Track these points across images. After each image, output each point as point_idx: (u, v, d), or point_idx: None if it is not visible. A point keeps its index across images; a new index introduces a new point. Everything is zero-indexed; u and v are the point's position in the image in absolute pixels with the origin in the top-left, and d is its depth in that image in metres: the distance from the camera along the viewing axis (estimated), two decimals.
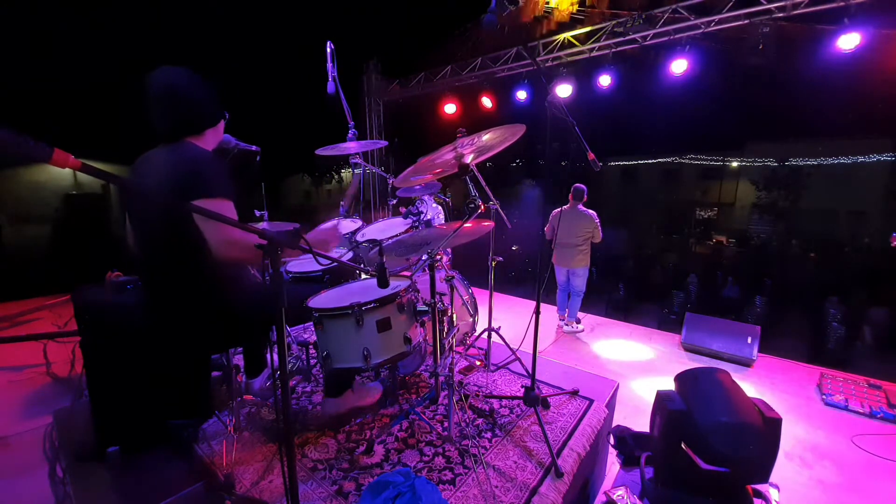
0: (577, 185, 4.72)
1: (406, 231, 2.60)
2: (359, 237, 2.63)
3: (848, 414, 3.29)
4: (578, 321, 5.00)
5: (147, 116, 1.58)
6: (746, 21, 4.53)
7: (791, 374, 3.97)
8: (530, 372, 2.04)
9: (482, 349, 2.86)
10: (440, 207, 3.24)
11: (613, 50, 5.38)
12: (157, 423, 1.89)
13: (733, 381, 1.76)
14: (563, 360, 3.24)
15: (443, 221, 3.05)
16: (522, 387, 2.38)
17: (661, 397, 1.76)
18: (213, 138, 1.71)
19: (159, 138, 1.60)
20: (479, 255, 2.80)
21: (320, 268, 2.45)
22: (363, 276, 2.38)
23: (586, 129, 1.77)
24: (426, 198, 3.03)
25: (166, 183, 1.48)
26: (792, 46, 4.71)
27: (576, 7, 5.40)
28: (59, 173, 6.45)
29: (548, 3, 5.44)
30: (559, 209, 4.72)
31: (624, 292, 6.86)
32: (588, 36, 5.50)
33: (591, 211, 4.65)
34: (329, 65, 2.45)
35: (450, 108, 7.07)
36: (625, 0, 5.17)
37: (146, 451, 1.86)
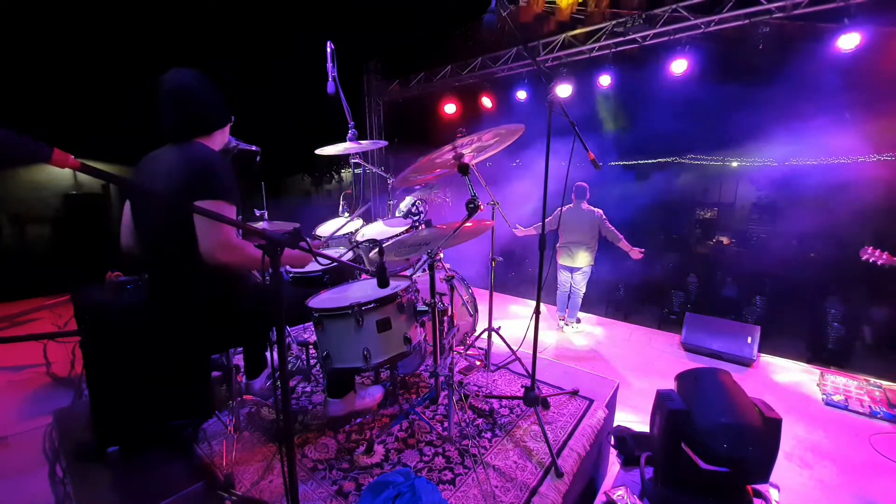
0: (579, 183, 4.70)
1: (406, 231, 2.60)
2: (359, 237, 2.64)
3: (848, 414, 3.29)
4: (578, 321, 5.00)
5: (156, 115, 1.59)
6: (746, 21, 4.53)
7: (791, 374, 3.97)
8: (530, 372, 2.04)
9: (482, 349, 2.86)
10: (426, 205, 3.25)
11: (613, 50, 5.38)
12: (157, 423, 1.89)
13: (734, 382, 1.76)
14: (563, 361, 3.24)
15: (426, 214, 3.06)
16: (522, 387, 2.38)
17: (661, 396, 1.76)
18: (220, 140, 1.73)
19: (168, 138, 1.61)
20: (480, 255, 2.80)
21: (320, 268, 2.45)
22: (363, 276, 2.38)
23: (586, 130, 1.77)
24: (408, 196, 3.04)
25: (176, 182, 1.48)
26: (792, 46, 4.71)
27: (575, 7, 5.40)
28: (59, 173, 6.44)
29: (549, 1, 5.45)
30: (560, 208, 4.72)
31: (624, 292, 6.85)
32: (588, 36, 5.50)
33: (597, 209, 4.64)
34: (329, 65, 2.45)
35: (450, 108, 7.06)
36: (625, 0, 5.17)
37: (146, 451, 1.86)
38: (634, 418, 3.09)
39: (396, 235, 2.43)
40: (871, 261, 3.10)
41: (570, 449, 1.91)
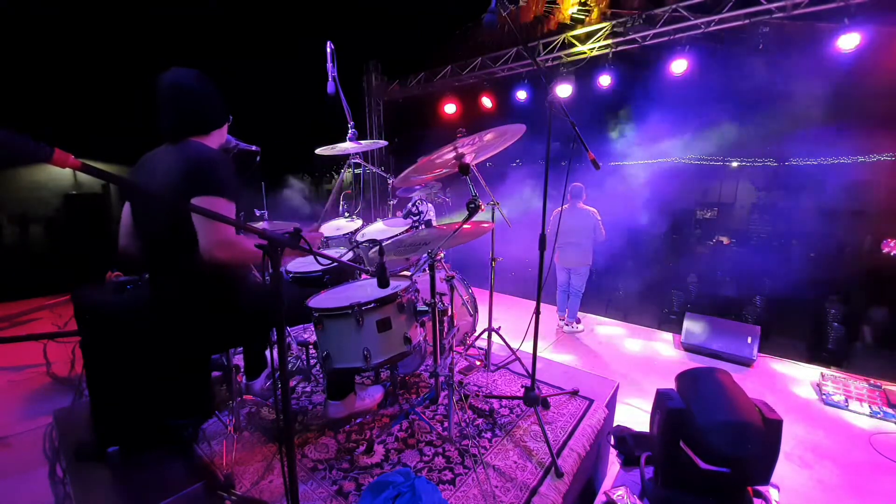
0: (575, 183, 4.74)
1: (406, 231, 2.60)
2: (359, 237, 2.64)
3: (848, 414, 3.29)
4: (578, 321, 5.00)
5: (154, 115, 1.59)
6: (746, 21, 4.53)
7: (791, 374, 3.97)
8: (530, 372, 2.04)
9: (482, 349, 2.86)
10: (430, 205, 3.25)
11: (613, 50, 5.38)
12: (157, 423, 1.89)
13: (734, 382, 1.76)
14: (563, 361, 3.24)
15: (433, 218, 3.06)
16: (522, 387, 2.38)
17: (661, 395, 1.76)
18: (217, 139, 1.72)
19: (165, 137, 1.61)
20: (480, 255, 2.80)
21: (320, 268, 2.45)
22: (363, 276, 2.38)
23: (586, 130, 1.77)
24: (416, 196, 3.04)
25: (173, 180, 1.48)
26: (792, 46, 4.71)
27: (576, 6, 5.40)
28: (59, 173, 6.44)
29: (550, 1, 5.44)
30: (558, 209, 4.73)
31: (624, 292, 6.86)
32: (588, 36, 5.50)
33: (591, 208, 4.67)
34: (329, 65, 2.45)
35: (450, 108, 7.06)
36: (625, 0, 5.17)
37: (146, 451, 1.86)
38: (634, 418, 3.09)
39: (396, 235, 2.43)
40: (893, 253, 3.09)
41: (570, 449, 1.91)
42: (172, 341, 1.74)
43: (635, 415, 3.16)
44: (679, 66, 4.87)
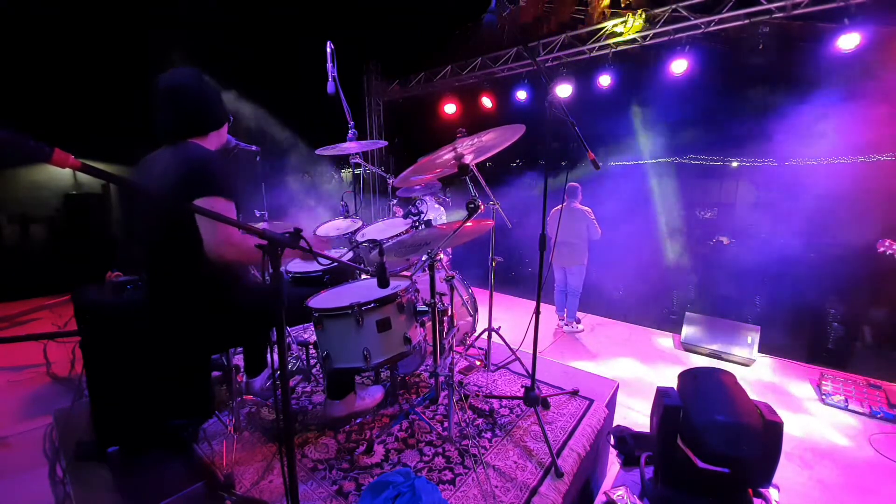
0: (571, 183, 4.78)
1: (406, 231, 2.60)
2: (359, 237, 2.63)
3: (848, 414, 3.29)
4: (578, 321, 5.00)
5: (153, 116, 1.59)
6: (746, 21, 4.53)
7: (791, 374, 3.97)
8: (530, 372, 2.04)
9: (482, 349, 2.86)
10: (441, 208, 3.25)
11: (613, 50, 5.38)
12: (157, 423, 1.89)
13: (736, 382, 1.76)
14: (563, 361, 3.24)
15: (444, 221, 3.06)
16: (522, 387, 2.38)
17: (660, 393, 1.77)
18: (216, 140, 1.72)
19: (163, 138, 1.61)
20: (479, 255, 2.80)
21: (320, 268, 2.45)
22: (363, 276, 2.38)
23: (586, 130, 1.77)
24: (426, 198, 3.03)
25: (170, 182, 1.48)
26: (792, 46, 4.72)
27: (575, 7, 5.39)
28: (59, 173, 6.44)
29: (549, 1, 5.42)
30: (556, 209, 4.74)
31: (624, 292, 6.86)
32: (588, 36, 5.50)
33: (585, 207, 4.69)
34: (329, 65, 2.45)
35: (450, 108, 7.06)
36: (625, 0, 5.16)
37: (146, 451, 1.86)
38: (634, 419, 3.09)
39: (397, 236, 2.43)
40: (888, 253, 3.10)
41: (570, 449, 1.91)
42: (172, 341, 1.74)
43: (635, 415, 3.16)
44: (679, 66, 4.88)
